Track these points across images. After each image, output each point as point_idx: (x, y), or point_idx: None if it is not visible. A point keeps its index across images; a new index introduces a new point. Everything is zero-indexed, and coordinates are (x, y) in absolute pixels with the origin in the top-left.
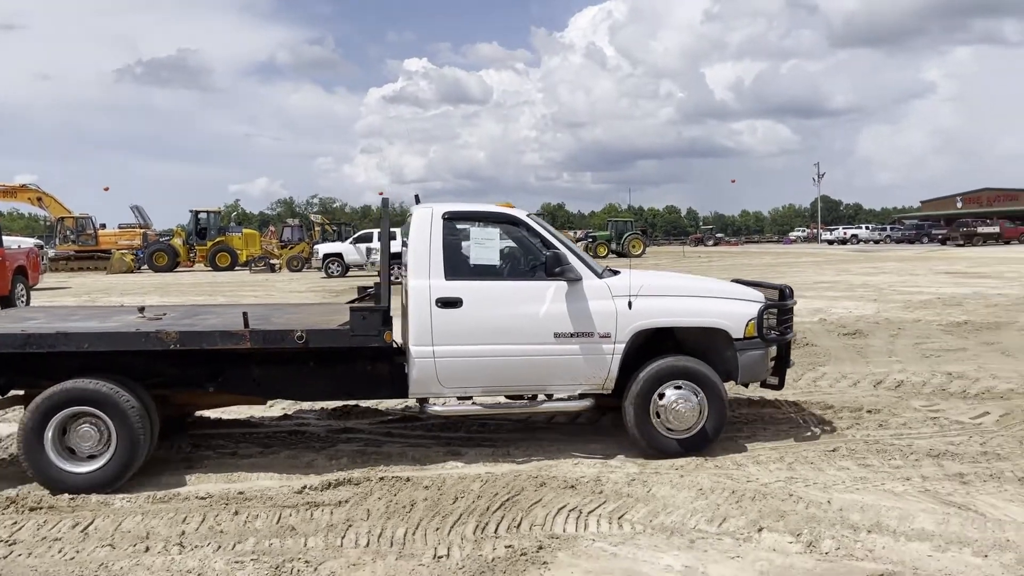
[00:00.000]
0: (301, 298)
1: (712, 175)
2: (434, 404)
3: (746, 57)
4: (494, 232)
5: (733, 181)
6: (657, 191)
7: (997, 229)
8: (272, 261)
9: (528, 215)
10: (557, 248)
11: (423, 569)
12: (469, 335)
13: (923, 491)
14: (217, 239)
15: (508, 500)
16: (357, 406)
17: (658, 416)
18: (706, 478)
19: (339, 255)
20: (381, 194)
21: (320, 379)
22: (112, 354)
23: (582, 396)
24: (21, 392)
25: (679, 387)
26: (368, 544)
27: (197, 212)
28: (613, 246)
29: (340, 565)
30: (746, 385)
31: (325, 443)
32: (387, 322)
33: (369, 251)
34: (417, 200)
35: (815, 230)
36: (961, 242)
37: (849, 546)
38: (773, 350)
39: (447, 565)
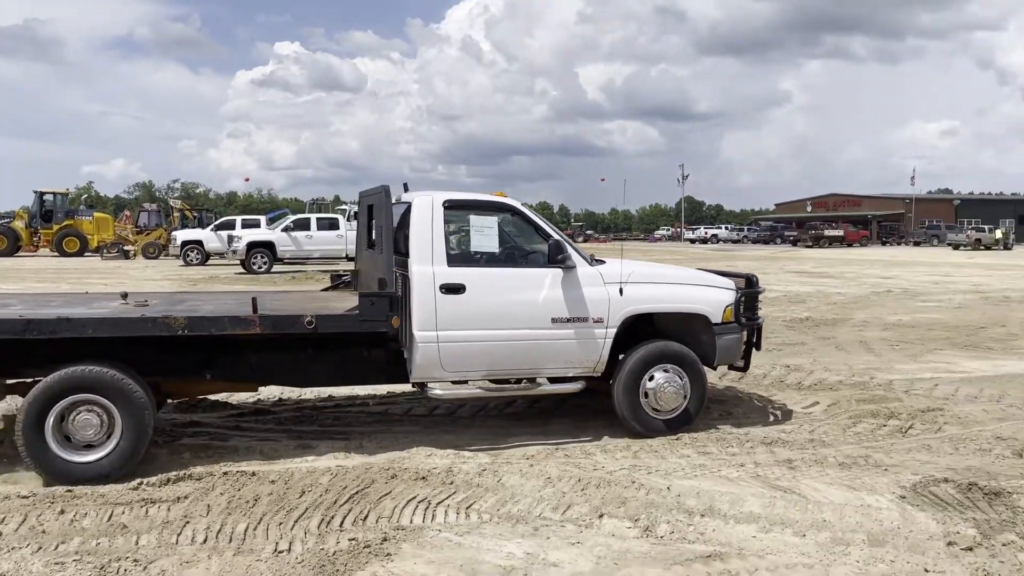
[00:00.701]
0: (157, 287)
1: (585, 173)
2: (434, 388)
3: (617, 59)
4: (493, 220)
5: (603, 180)
6: (531, 187)
7: (841, 232)
8: (126, 247)
9: (522, 204)
10: (554, 237)
11: (261, 564)
12: (472, 320)
13: (754, 476)
14: (65, 223)
15: (357, 493)
16: (205, 399)
17: (646, 397)
18: (554, 467)
19: (199, 243)
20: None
21: (317, 365)
22: (107, 341)
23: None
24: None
25: (666, 370)
26: (205, 540)
27: (42, 193)
28: None
29: (172, 563)
30: (714, 368)
31: (169, 437)
32: (394, 307)
33: (231, 239)
34: (406, 188)
35: (679, 229)
36: (810, 244)
37: (683, 530)
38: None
39: (287, 560)
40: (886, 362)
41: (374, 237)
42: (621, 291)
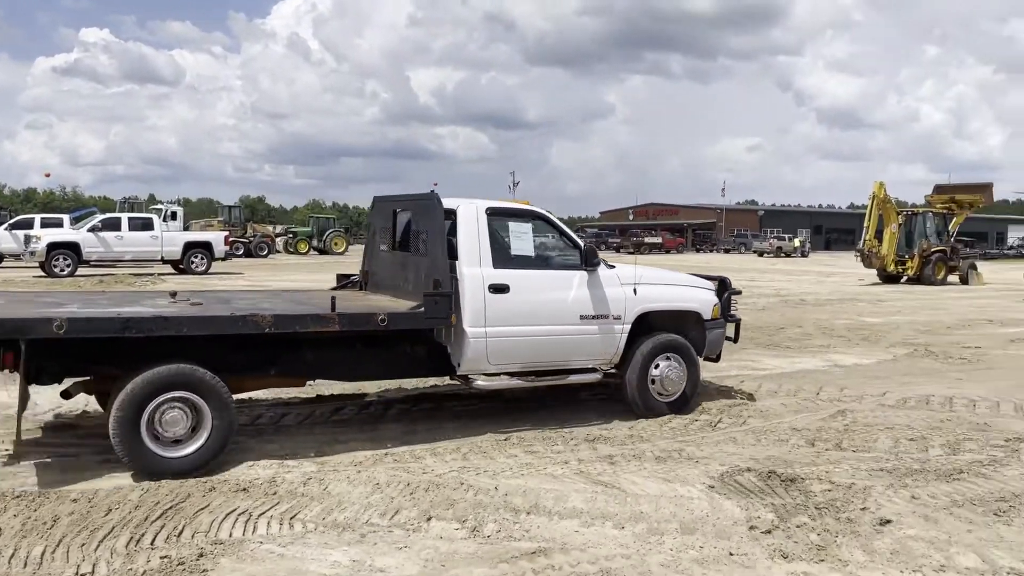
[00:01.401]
0: None
1: (417, 177)
2: (478, 380)
3: (448, 64)
4: (528, 226)
5: (435, 184)
6: (363, 189)
7: (660, 240)
8: None
9: (547, 212)
10: (579, 242)
11: None
12: (515, 317)
13: (578, 473)
14: None
15: (171, 508)
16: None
17: (653, 383)
18: (383, 472)
19: None
20: (438, 192)
21: (366, 360)
22: (192, 339)
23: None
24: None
25: (668, 359)
26: None
27: None
28: (315, 243)
29: None
30: (702, 358)
31: None
32: (452, 306)
33: (28, 239)
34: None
35: None
36: (631, 250)
37: (509, 528)
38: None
39: None
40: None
41: (399, 239)
42: (635, 291)
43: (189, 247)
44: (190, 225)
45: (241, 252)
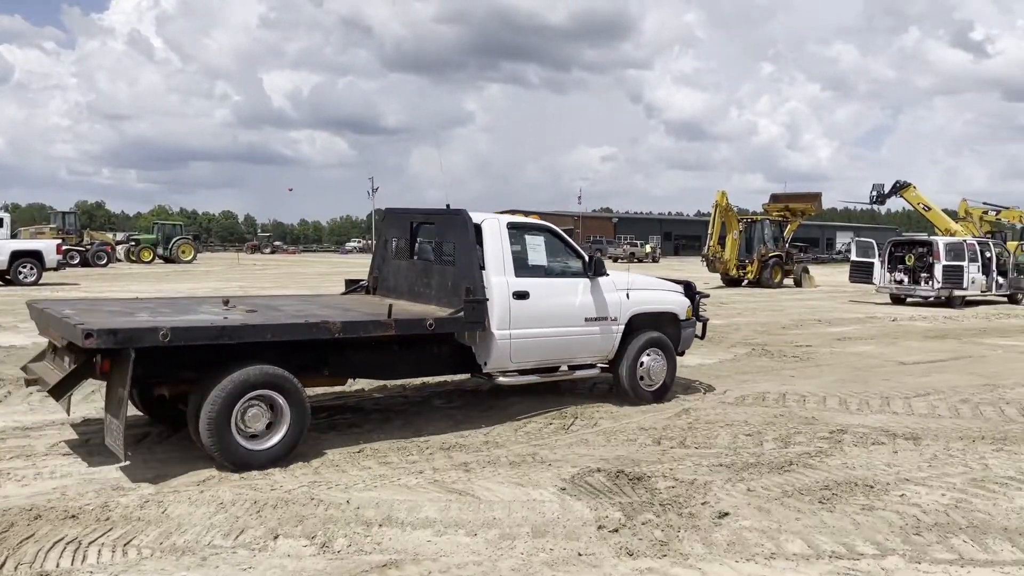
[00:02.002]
0: None
1: (271, 182)
2: (500, 377)
3: (304, 68)
4: (541, 239)
5: (290, 189)
6: (212, 195)
7: None
8: None
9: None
10: (582, 253)
11: None
12: (534, 320)
13: (432, 482)
14: None
15: None
16: None
17: (641, 375)
18: (228, 491)
19: None
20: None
21: (399, 361)
22: (258, 343)
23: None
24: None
25: (652, 354)
26: None
27: None
28: (160, 251)
29: None
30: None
31: None
32: (486, 311)
33: None
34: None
35: (371, 241)
36: None
37: (360, 542)
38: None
39: None
40: None
41: (418, 249)
42: (628, 295)
43: (16, 256)
44: (18, 232)
45: (77, 261)
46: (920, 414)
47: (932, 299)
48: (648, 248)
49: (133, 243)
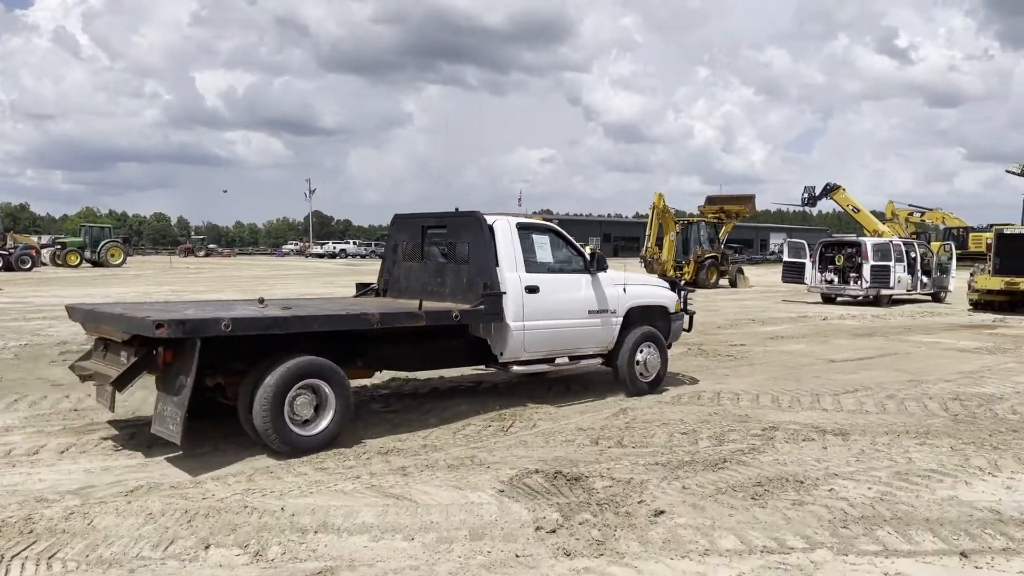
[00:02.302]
0: None
1: (205, 183)
2: (514, 367)
3: (238, 67)
4: (546, 238)
5: (225, 191)
6: (143, 196)
7: None
8: None
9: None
10: (582, 250)
11: None
12: (544, 313)
13: (370, 487)
14: None
15: None
16: None
17: (637, 365)
18: (158, 501)
19: None
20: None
21: (423, 353)
22: (301, 336)
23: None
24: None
25: (648, 346)
26: None
27: None
28: (87, 254)
29: None
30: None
31: None
32: (503, 304)
33: None
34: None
35: (307, 244)
36: None
37: (295, 549)
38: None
39: None
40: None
41: (430, 250)
42: (625, 290)
43: None
44: None
45: (0, 265)
46: (848, 410)
47: (861, 298)
48: (588, 249)
49: (59, 246)
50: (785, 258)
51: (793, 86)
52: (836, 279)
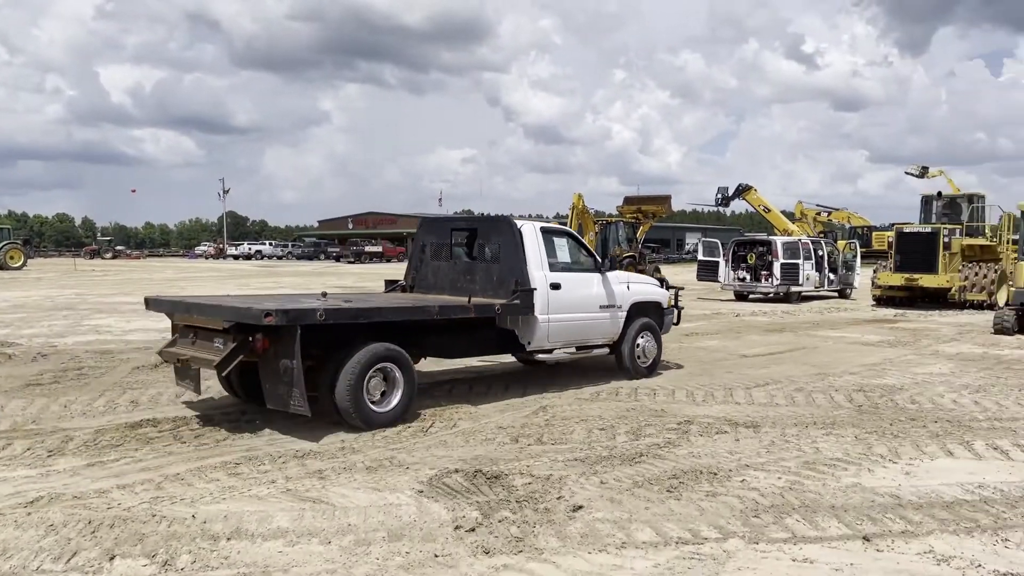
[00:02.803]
0: None
1: (112, 183)
2: (539, 355)
3: (146, 62)
4: (564, 240)
5: (133, 191)
6: (45, 196)
7: (380, 249)
8: None
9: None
10: (593, 252)
11: None
12: (565, 307)
13: (285, 491)
14: None
15: None
16: None
17: (637, 354)
18: (59, 512)
19: None
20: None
21: (462, 342)
22: (368, 325)
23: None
24: None
25: (646, 336)
26: None
27: None
28: None
29: None
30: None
31: None
32: (534, 299)
33: None
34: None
35: (222, 245)
36: (352, 259)
37: (206, 557)
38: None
39: None
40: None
41: (459, 251)
42: (628, 287)
43: None
44: None
45: None
46: (760, 403)
47: (772, 295)
48: None
49: None
50: (700, 257)
51: (707, 89)
52: (748, 277)
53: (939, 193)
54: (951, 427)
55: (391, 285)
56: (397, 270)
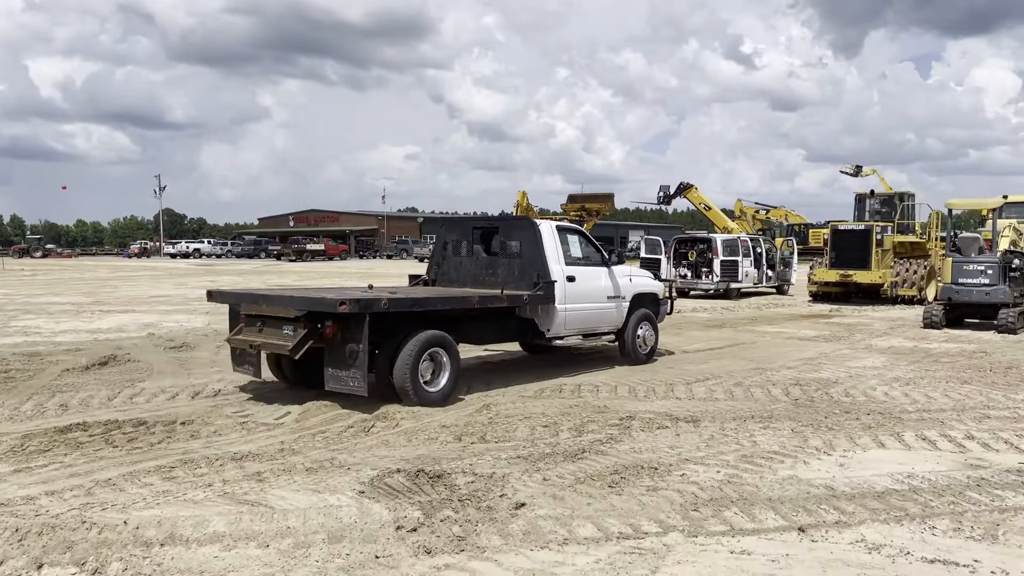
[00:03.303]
0: None
1: (41, 179)
2: (557, 341)
3: (77, 55)
4: (576, 237)
5: (64, 188)
6: None
7: (322, 247)
8: None
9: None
10: (600, 248)
11: None
12: (578, 298)
13: (222, 495)
14: None
15: None
16: None
17: (639, 340)
18: None
19: None
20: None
21: (489, 330)
22: (416, 314)
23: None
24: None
25: (645, 325)
26: None
27: None
28: None
29: None
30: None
31: None
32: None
33: None
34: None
35: (158, 243)
36: (293, 257)
37: (138, 564)
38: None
39: None
40: None
41: (481, 248)
42: (631, 280)
43: None
44: None
45: None
46: (700, 398)
47: (712, 291)
48: None
49: None
50: (642, 254)
51: (648, 89)
52: (689, 274)
53: (872, 192)
54: (883, 419)
55: (414, 279)
56: (340, 269)
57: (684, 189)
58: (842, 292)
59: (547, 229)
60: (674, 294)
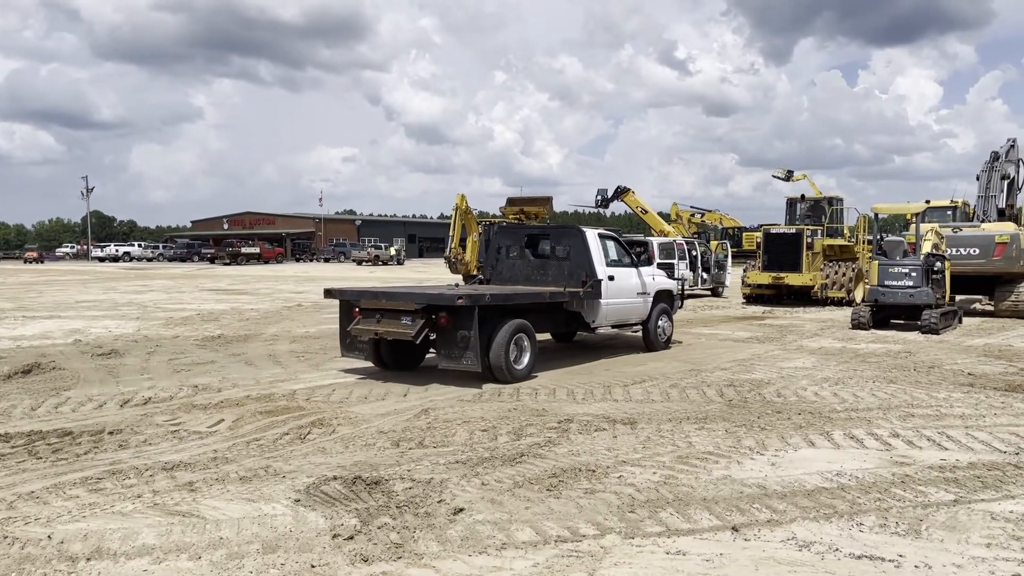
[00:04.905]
0: None
1: None
2: (599, 330)
3: None
4: (612, 243)
5: None
6: None
7: (258, 250)
8: None
9: (619, 233)
10: (629, 252)
11: None
12: (616, 294)
13: (152, 506)
14: None
15: None
16: None
17: (659, 330)
18: None
19: None
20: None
21: (548, 321)
22: (499, 307)
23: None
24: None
25: (664, 317)
26: None
27: None
28: None
29: None
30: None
31: None
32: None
33: None
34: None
35: (86, 246)
36: (227, 261)
37: None
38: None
39: None
40: (292, 373)
41: (533, 251)
42: (654, 278)
43: None
44: None
45: None
46: (637, 400)
47: None
48: (393, 251)
49: None
50: (658, 260)
51: (585, 93)
52: None
53: (803, 196)
54: (813, 419)
55: (471, 279)
56: (276, 272)
57: (621, 193)
58: (774, 294)
59: (592, 235)
60: (684, 291)
